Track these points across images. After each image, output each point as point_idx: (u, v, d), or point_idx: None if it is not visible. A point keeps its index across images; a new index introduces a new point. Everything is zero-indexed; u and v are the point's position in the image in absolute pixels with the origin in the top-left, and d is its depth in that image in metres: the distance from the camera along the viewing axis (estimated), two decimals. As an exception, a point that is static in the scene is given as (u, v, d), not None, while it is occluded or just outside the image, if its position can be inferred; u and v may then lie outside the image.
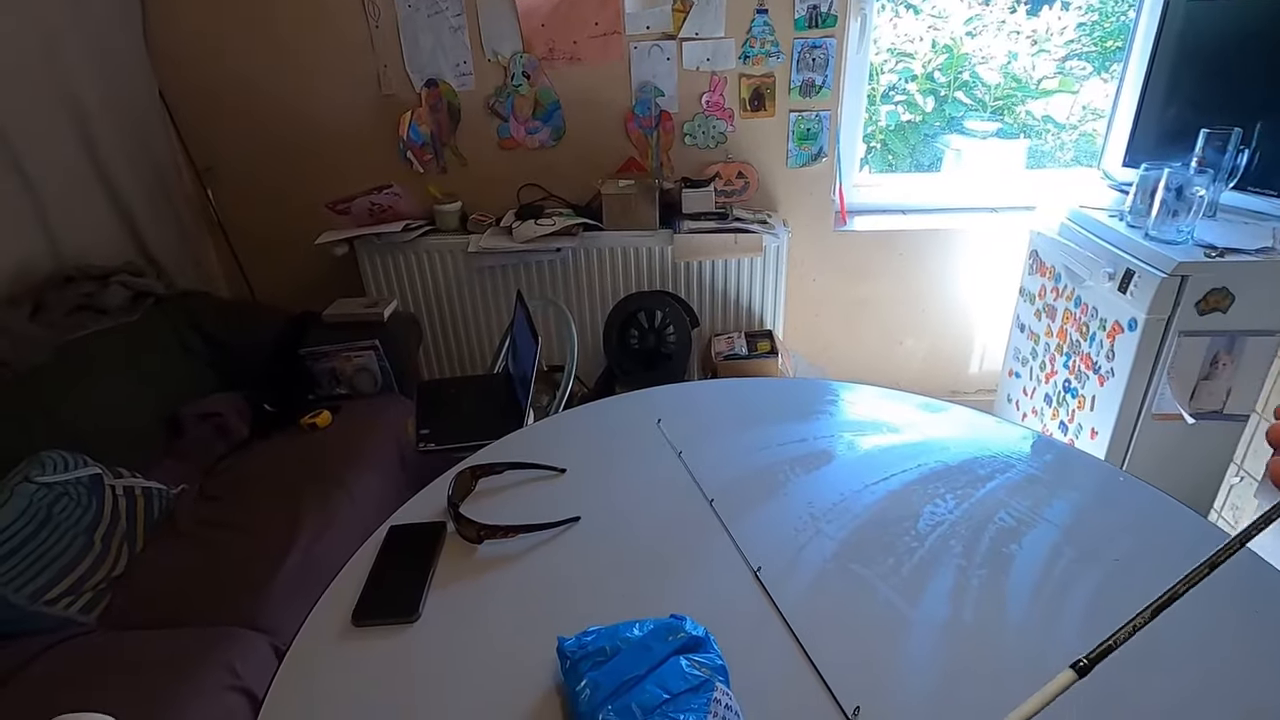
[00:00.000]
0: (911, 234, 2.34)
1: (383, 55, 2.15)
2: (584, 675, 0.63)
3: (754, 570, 0.81)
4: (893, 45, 3.46)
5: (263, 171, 2.31)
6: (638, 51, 2.10)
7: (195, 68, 2.17)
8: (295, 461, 1.73)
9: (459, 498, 0.94)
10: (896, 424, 1.12)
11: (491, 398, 1.80)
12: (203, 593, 1.36)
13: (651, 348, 2.17)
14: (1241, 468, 1.40)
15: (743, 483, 0.97)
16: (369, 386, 2.03)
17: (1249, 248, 1.51)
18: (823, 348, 2.54)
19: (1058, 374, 1.94)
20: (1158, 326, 1.57)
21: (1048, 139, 3.59)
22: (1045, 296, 2.00)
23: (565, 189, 2.29)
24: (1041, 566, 0.81)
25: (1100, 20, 3.44)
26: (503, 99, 2.19)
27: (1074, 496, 0.93)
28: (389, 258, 2.23)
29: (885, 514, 0.90)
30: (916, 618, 0.75)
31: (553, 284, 2.24)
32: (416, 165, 2.28)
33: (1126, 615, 0.75)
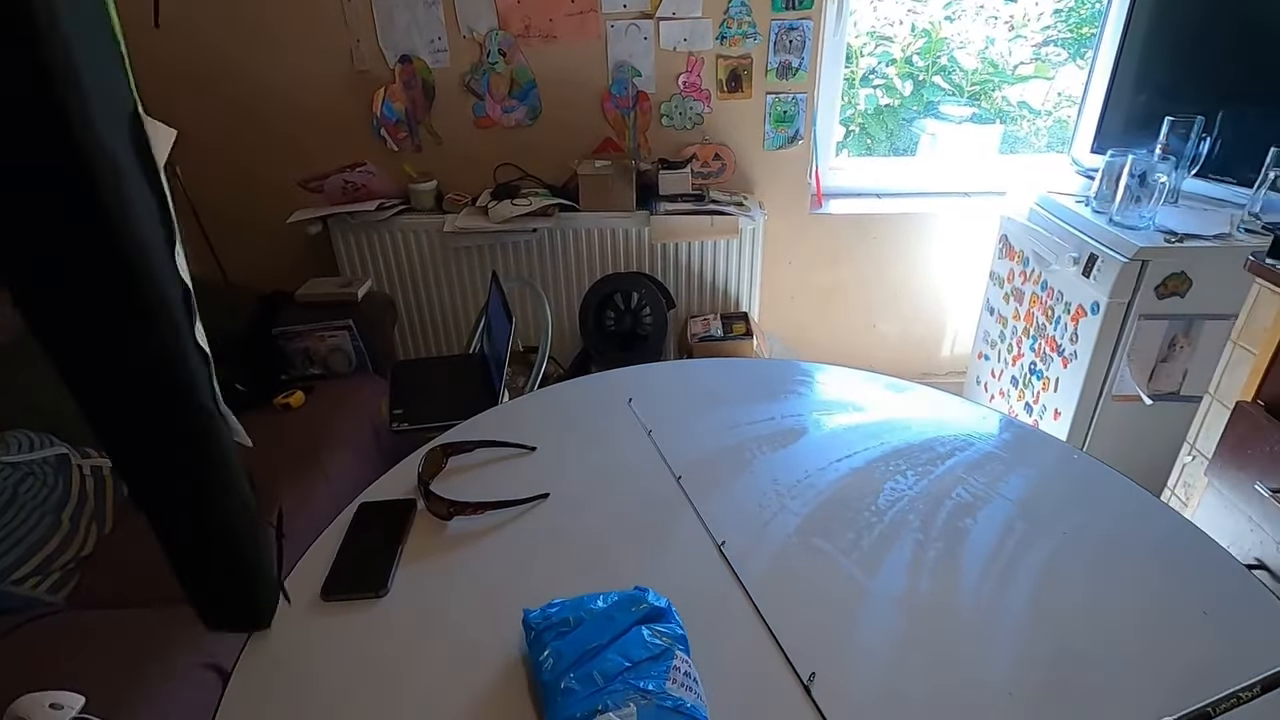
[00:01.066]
0: (885, 218, 2.36)
1: (355, 30, 2.11)
2: (547, 645, 0.65)
3: (718, 544, 0.83)
4: (872, 29, 3.47)
5: (232, 147, 2.27)
6: (614, 30, 2.09)
7: (161, 38, 2.11)
8: (268, 441, 1.71)
9: (429, 475, 0.94)
10: (862, 404, 1.14)
11: (466, 378, 1.80)
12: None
13: (628, 329, 2.18)
14: (1194, 447, 1.45)
15: (711, 460, 0.99)
16: (343, 367, 2.01)
17: (1207, 234, 1.55)
18: (797, 330, 2.56)
19: (1024, 356, 1.99)
20: (1119, 310, 1.61)
21: (1023, 125, 3.63)
22: (1014, 280, 2.04)
23: (542, 169, 2.28)
24: (995, 539, 0.84)
25: (1076, 6, 3.47)
26: (478, 77, 2.16)
27: (1029, 473, 0.96)
28: (363, 237, 2.21)
29: (848, 490, 0.93)
30: (874, 589, 0.78)
31: (529, 264, 2.23)
32: (391, 143, 2.25)
33: (1072, 583, 0.78)
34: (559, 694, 0.61)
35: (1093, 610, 0.75)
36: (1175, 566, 0.81)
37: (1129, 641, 0.71)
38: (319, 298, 2.06)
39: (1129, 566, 0.81)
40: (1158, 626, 0.73)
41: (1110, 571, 0.80)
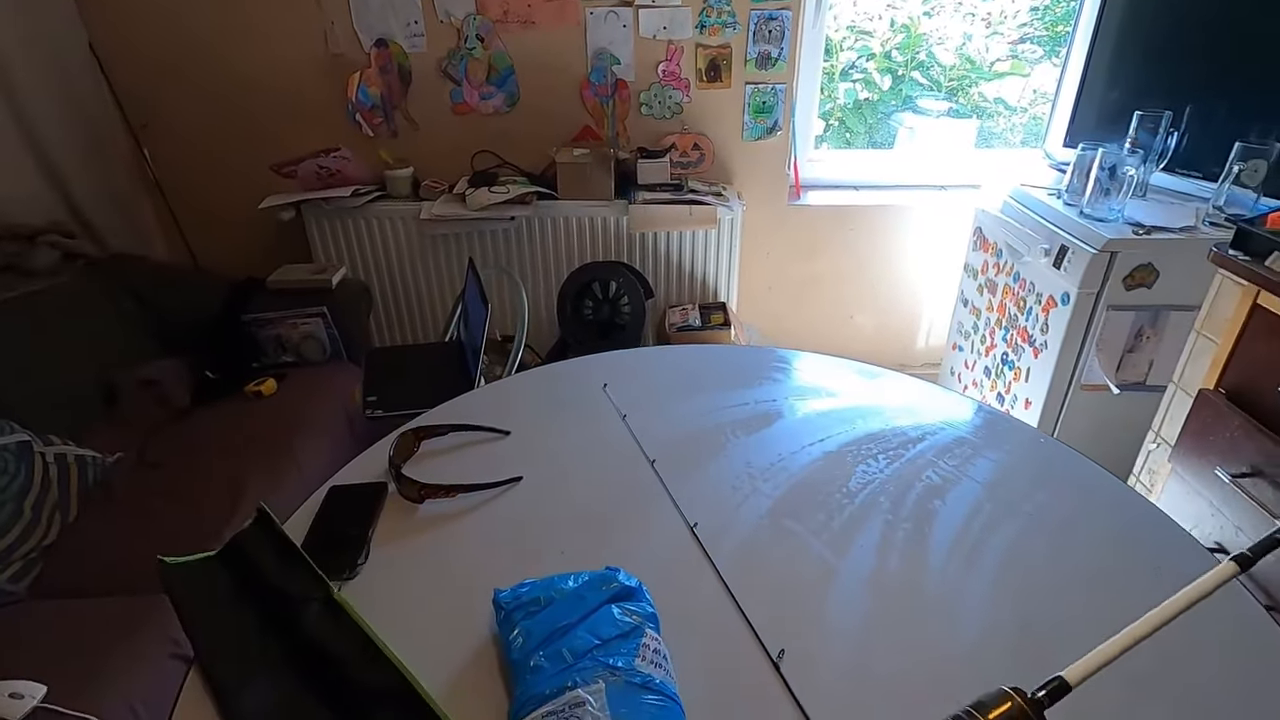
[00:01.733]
0: (863, 209, 2.38)
1: (329, 12, 2.07)
2: (517, 624, 0.65)
3: (691, 526, 0.84)
4: (852, 23, 3.48)
5: (203, 130, 2.22)
6: (594, 17, 2.07)
7: (128, 19, 2.06)
8: (239, 429, 1.69)
9: (401, 459, 0.94)
10: (836, 389, 1.15)
11: (442, 366, 1.78)
12: (140, 561, 1.33)
13: (606, 318, 2.17)
14: (1159, 434, 1.48)
15: (685, 444, 0.99)
16: (317, 354, 1.99)
17: (1174, 226, 1.58)
18: (775, 321, 2.58)
19: (997, 347, 2.02)
20: (1088, 301, 1.63)
21: (999, 120, 3.67)
22: (987, 272, 2.06)
23: (520, 156, 2.26)
24: (962, 520, 0.85)
25: (1051, 5, 3.51)
26: (456, 62, 2.14)
27: (998, 456, 0.98)
28: (338, 223, 2.18)
29: (820, 473, 0.93)
30: (843, 569, 0.79)
31: (506, 253, 2.22)
32: (366, 128, 2.22)
33: (1036, 562, 0.80)
34: (528, 672, 0.61)
35: (1054, 587, 0.77)
36: (1135, 546, 0.83)
37: (1087, 619, 0.73)
38: (292, 284, 2.03)
39: (1089, 546, 0.82)
40: (1117, 604, 0.75)
41: (1071, 551, 0.81)
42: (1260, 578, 1.21)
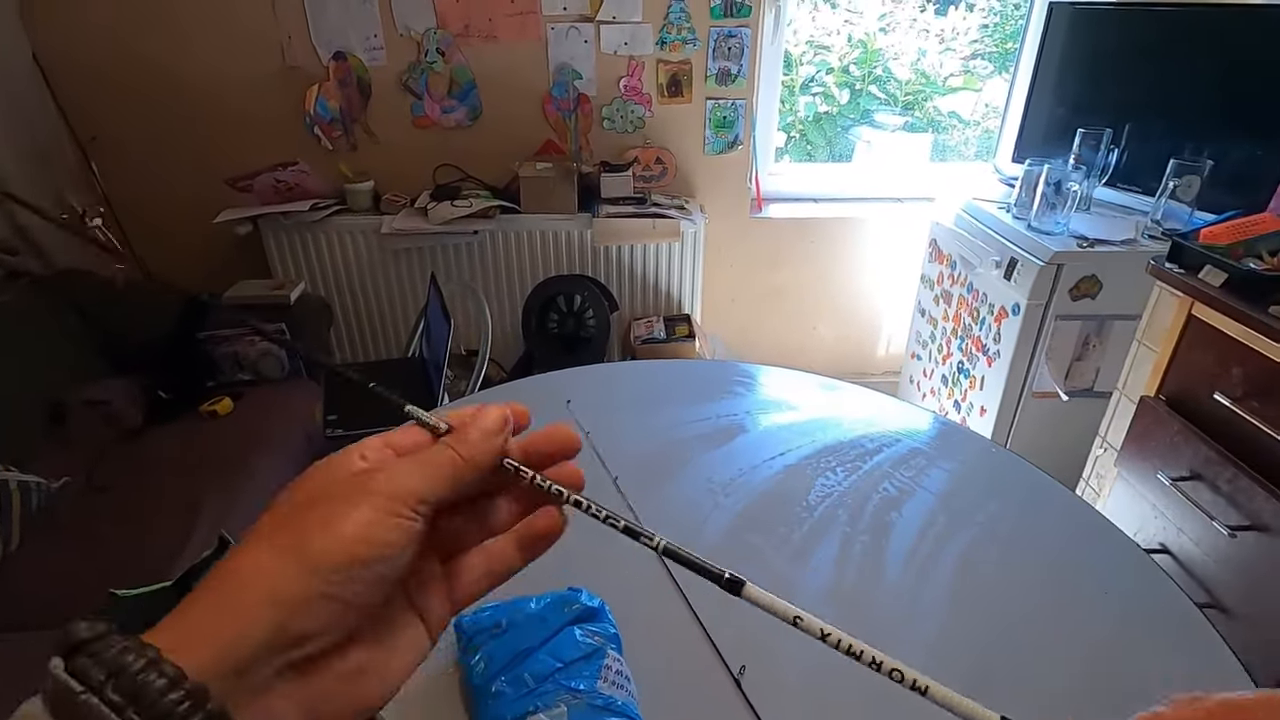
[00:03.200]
0: (823, 222, 2.42)
1: (285, 24, 2.04)
2: (479, 649, 0.65)
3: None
4: (811, 38, 3.56)
5: (155, 143, 2.17)
6: (555, 33, 2.08)
7: (74, 29, 2.00)
8: (194, 450, 1.65)
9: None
10: (796, 402, 1.17)
11: (405, 382, 1.76)
12: (87, 591, 1.28)
13: (571, 332, 2.17)
14: (1105, 440, 1.54)
15: (648, 461, 1.00)
16: (275, 372, 1.95)
17: (1115, 239, 1.65)
18: (739, 332, 2.61)
19: (953, 356, 2.07)
20: (1037, 311, 1.69)
21: (953, 134, 3.78)
22: (943, 283, 2.12)
23: (482, 170, 2.25)
24: (917, 531, 0.87)
25: (1000, 23, 3.64)
26: (416, 76, 2.13)
27: (951, 467, 1.00)
28: (296, 238, 2.14)
29: (780, 487, 0.95)
30: (803, 583, 0.80)
31: (470, 267, 2.21)
32: (325, 142, 2.19)
33: (987, 572, 0.82)
34: (489, 697, 0.61)
35: (1004, 596, 0.79)
36: (1080, 553, 0.86)
37: (1036, 624, 0.75)
38: (249, 300, 1.99)
39: (1038, 553, 0.85)
40: (1063, 609, 0.78)
41: (1021, 560, 0.84)
42: (1198, 574, 1.27)
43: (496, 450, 0.30)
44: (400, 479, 0.27)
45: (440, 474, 0.28)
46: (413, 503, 0.27)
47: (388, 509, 0.26)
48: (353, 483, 0.27)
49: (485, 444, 0.30)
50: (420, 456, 0.29)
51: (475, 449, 0.29)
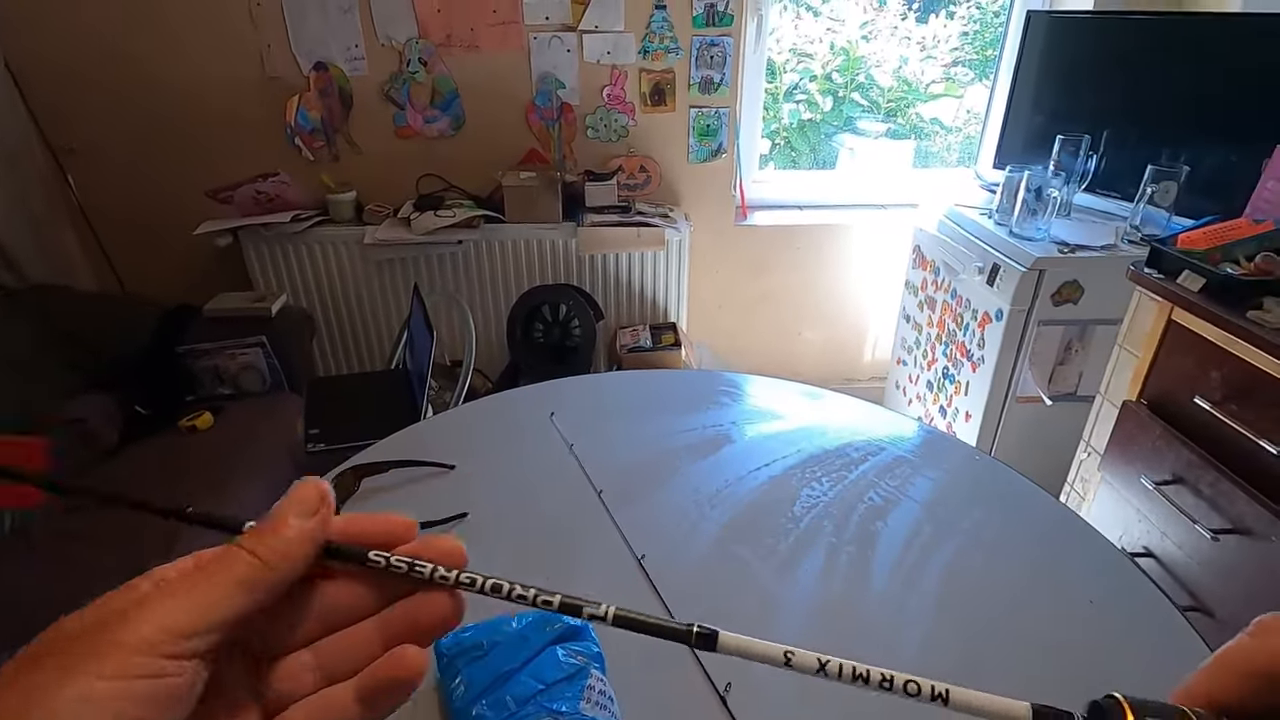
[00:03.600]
0: (808, 229, 2.43)
1: (265, 34, 2.03)
2: (459, 672, 0.63)
3: (638, 558, 0.83)
4: (794, 45, 3.59)
5: (132, 154, 2.14)
6: (538, 42, 2.08)
7: (48, 37, 1.98)
8: (173, 467, 1.62)
9: (340, 499, 0.91)
10: (781, 412, 1.17)
11: (388, 395, 1.74)
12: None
13: (556, 341, 2.16)
14: (1089, 444, 1.55)
15: (632, 473, 0.99)
16: (256, 385, 1.92)
17: (1095, 244, 1.67)
18: (725, 339, 2.61)
19: (938, 361, 2.08)
20: (1020, 316, 1.70)
21: (935, 140, 3.82)
22: (927, 289, 2.13)
23: (466, 180, 2.24)
24: (903, 541, 0.87)
25: (980, 30, 3.68)
26: (398, 86, 2.12)
27: (936, 475, 1.00)
28: (277, 249, 2.12)
29: (766, 498, 0.94)
30: (789, 596, 0.79)
31: (454, 277, 2.19)
32: (306, 152, 2.17)
33: (972, 580, 0.82)
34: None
35: (990, 604, 0.79)
36: (1064, 558, 0.86)
37: (1023, 633, 0.75)
38: (229, 313, 1.97)
39: (1023, 561, 0.85)
40: (1049, 615, 0.77)
41: (1006, 569, 0.84)
42: (1182, 578, 1.27)
43: (310, 538, 0.24)
44: (158, 613, 0.21)
45: (223, 592, 0.22)
46: (172, 646, 0.21)
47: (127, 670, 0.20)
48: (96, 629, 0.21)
49: (295, 536, 0.24)
50: (198, 573, 0.23)
51: (280, 545, 0.24)
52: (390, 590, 0.26)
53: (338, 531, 0.26)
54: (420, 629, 0.26)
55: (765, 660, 0.25)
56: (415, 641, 0.26)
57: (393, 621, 0.26)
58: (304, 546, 0.24)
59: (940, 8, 3.57)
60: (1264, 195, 1.32)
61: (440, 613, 0.26)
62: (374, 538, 0.26)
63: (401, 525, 0.27)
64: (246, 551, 0.24)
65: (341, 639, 0.26)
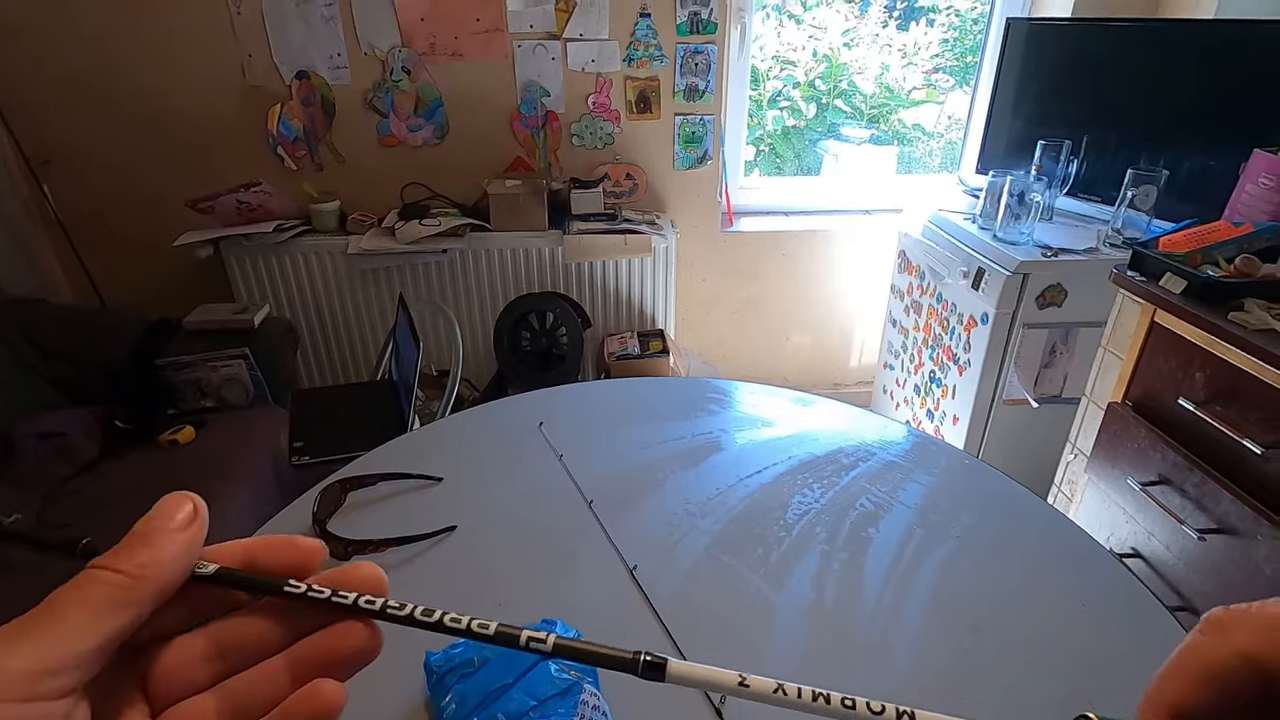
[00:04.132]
0: (794, 235, 2.44)
1: (246, 43, 2.01)
2: (450, 688, 0.62)
3: (630, 569, 0.83)
4: (777, 53, 3.61)
5: (111, 166, 2.11)
6: (522, 50, 2.08)
7: (21, 46, 1.95)
8: (154, 481, 1.59)
9: (326, 513, 0.89)
10: (771, 418, 1.16)
11: (374, 405, 1.73)
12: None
13: (543, 349, 2.15)
14: (1075, 446, 1.56)
15: (622, 482, 0.98)
16: (239, 398, 1.89)
17: (1078, 248, 1.69)
18: (714, 345, 2.61)
19: (924, 365, 2.09)
20: (1005, 320, 1.72)
21: (918, 146, 3.86)
22: (913, 293, 2.15)
23: (451, 188, 2.23)
24: (895, 547, 0.87)
25: (960, 37, 3.73)
26: (382, 94, 2.11)
27: (926, 480, 1.00)
28: (260, 260, 2.09)
29: (757, 506, 0.94)
30: (782, 604, 0.79)
31: (440, 286, 2.18)
32: (289, 162, 2.15)
33: (964, 584, 0.82)
34: (461, 740, 0.58)
35: (982, 608, 0.79)
36: (1054, 561, 0.86)
37: (1015, 635, 0.75)
38: (211, 324, 1.94)
39: (1014, 563, 0.85)
40: (1040, 619, 0.77)
41: (998, 569, 0.84)
42: (1170, 578, 1.28)
43: (182, 552, 0.23)
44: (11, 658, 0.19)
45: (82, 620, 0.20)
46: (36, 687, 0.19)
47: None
48: None
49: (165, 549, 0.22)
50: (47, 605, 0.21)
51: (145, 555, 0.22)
52: (298, 624, 0.24)
53: (240, 556, 0.24)
54: (335, 662, 0.24)
55: (718, 688, 0.23)
56: (330, 675, 0.24)
57: (304, 657, 0.24)
58: (177, 559, 0.23)
59: (920, 15, 3.61)
60: (1242, 198, 1.34)
61: (357, 643, 0.24)
62: (279, 562, 0.24)
63: (307, 549, 0.25)
64: (107, 570, 0.22)
65: (246, 678, 0.24)
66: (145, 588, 0.22)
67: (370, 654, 0.24)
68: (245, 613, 0.24)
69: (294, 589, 0.24)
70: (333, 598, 0.24)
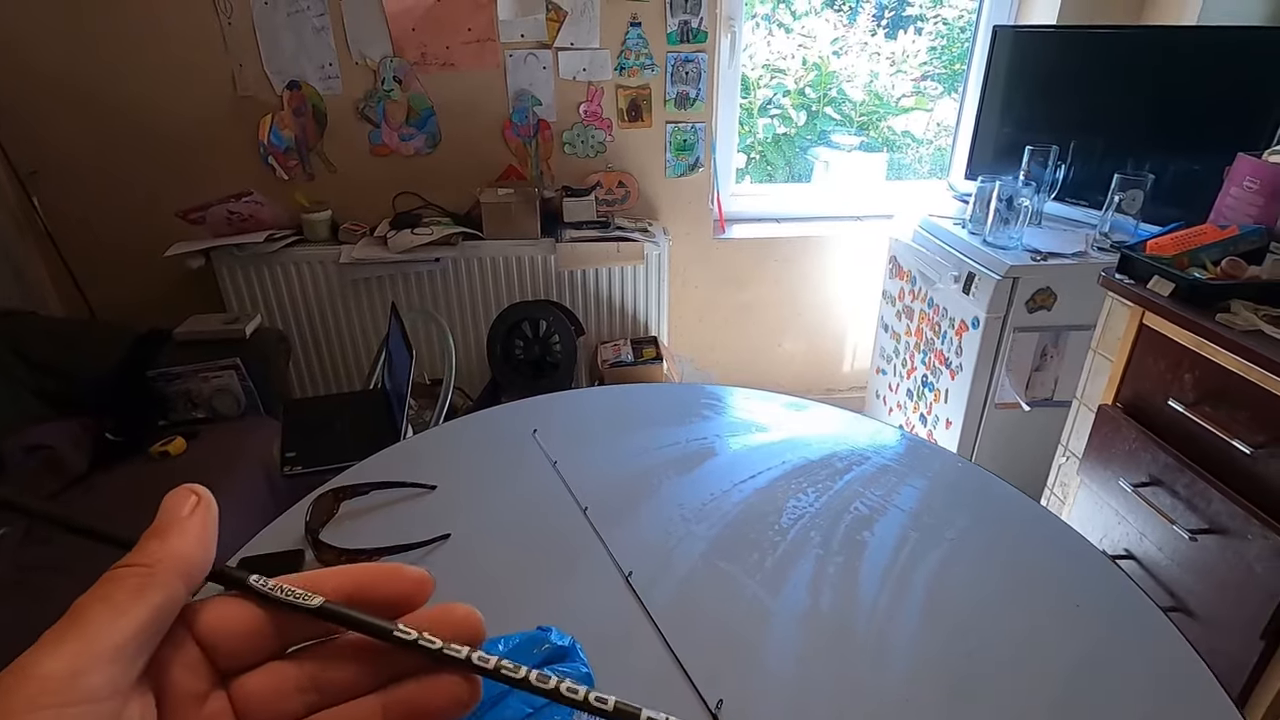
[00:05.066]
0: (785, 241, 2.45)
1: (237, 54, 2.01)
2: (445, 697, 0.62)
3: (625, 575, 0.82)
4: (767, 61, 3.64)
5: (100, 176, 2.10)
6: (513, 59, 2.09)
7: (9, 57, 1.94)
8: (145, 494, 1.57)
9: (318, 523, 0.89)
10: (765, 423, 1.16)
11: (367, 415, 1.72)
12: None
13: (537, 357, 2.15)
14: (1067, 448, 1.57)
15: (617, 489, 0.98)
16: (231, 409, 1.88)
17: (1067, 252, 1.70)
18: (707, 352, 2.61)
19: (917, 370, 2.10)
20: (996, 324, 1.73)
21: (907, 153, 3.89)
22: (904, 299, 2.16)
23: (443, 197, 2.23)
24: (890, 551, 0.87)
25: (948, 45, 3.77)
26: (373, 104, 2.11)
27: (920, 483, 1.00)
28: (251, 270, 2.09)
29: (752, 511, 0.94)
30: (778, 609, 0.79)
31: (432, 295, 2.17)
32: (280, 172, 2.15)
33: (959, 586, 0.82)
34: (457, 749, 0.58)
35: (978, 612, 0.79)
36: (1048, 562, 0.86)
37: (1010, 637, 0.75)
38: (202, 335, 1.93)
39: (1007, 566, 0.86)
40: (1034, 620, 0.78)
41: (991, 572, 0.84)
42: (1163, 579, 1.29)
43: (195, 536, 0.23)
44: (52, 658, 0.19)
45: (104, 618, 0.20)
46: (78, 689, 0.19)
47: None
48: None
49: (176, 537, 0.22)
50: (76, 608, 0.21)
51: (161, 548, 0.22)
52: (395, 664, 0.24)
53: (348, 587, 0.24)
54: (432, 712, 0.24)
55: None
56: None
57: (401, 701, 0.24)
58: (184, 538, 0.23)
59: (908, 24, 3.64)
60: (1227, 201, 1.36)
61: (455, 698, 0.24)
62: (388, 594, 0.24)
63: (416, 581, 0.24)
64: (122, 568, 0.22)
65: (343, 712, 0.24)
66: (162, 574, 0.22)
67: (466, 710, 0.24)
68: (342, 646, 0.24)
69: (404, 635, 0.23)
70: (444, 650, 0.23)
